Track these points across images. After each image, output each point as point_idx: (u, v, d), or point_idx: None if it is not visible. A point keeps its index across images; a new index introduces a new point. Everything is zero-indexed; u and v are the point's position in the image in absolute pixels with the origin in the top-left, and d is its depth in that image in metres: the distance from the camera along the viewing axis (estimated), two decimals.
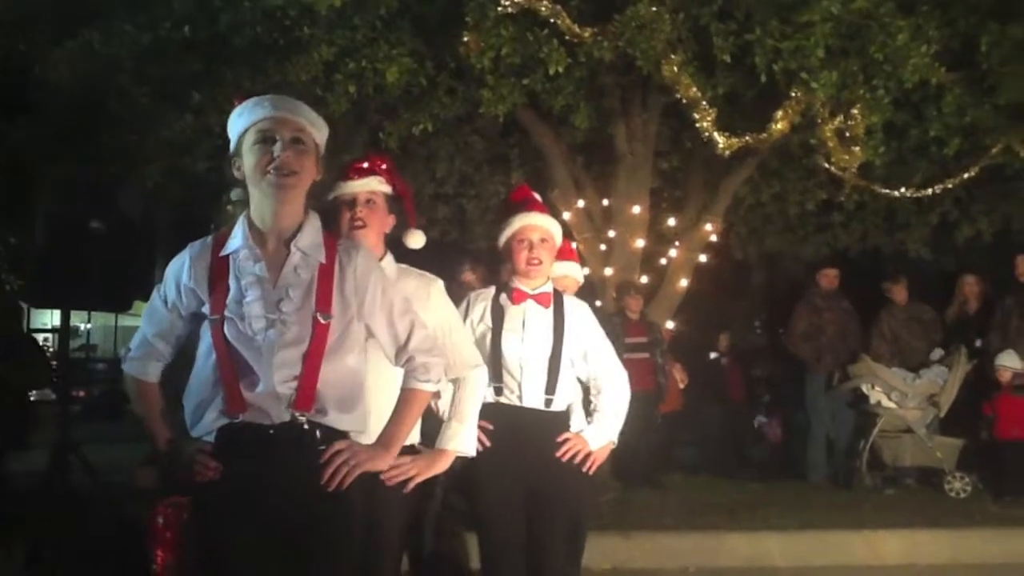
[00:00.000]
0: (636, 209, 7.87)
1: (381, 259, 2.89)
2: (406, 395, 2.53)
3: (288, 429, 2.28)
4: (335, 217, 2.93)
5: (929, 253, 9.22)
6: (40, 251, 5.99)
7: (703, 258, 8.41)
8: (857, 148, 6.09)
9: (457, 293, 3.17)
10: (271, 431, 2.28)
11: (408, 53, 6.24)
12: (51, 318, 22.17)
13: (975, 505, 6.89)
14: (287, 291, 2.31)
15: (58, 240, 5.82)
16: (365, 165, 2.99)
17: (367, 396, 2.42)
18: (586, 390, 3.60)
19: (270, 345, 2.28)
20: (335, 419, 2.34)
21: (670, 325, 8.27)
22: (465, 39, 5.90)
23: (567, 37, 5.92)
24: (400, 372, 2.58)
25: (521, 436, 3.29)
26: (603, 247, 8.06)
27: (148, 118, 6.98)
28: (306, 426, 2.30)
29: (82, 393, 18.25)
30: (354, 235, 2.87)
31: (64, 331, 6.68)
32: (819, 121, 6.05)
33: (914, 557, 5.82)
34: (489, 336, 3.33)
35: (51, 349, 23.39)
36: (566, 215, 8.14)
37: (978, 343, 7.69)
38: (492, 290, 3.43)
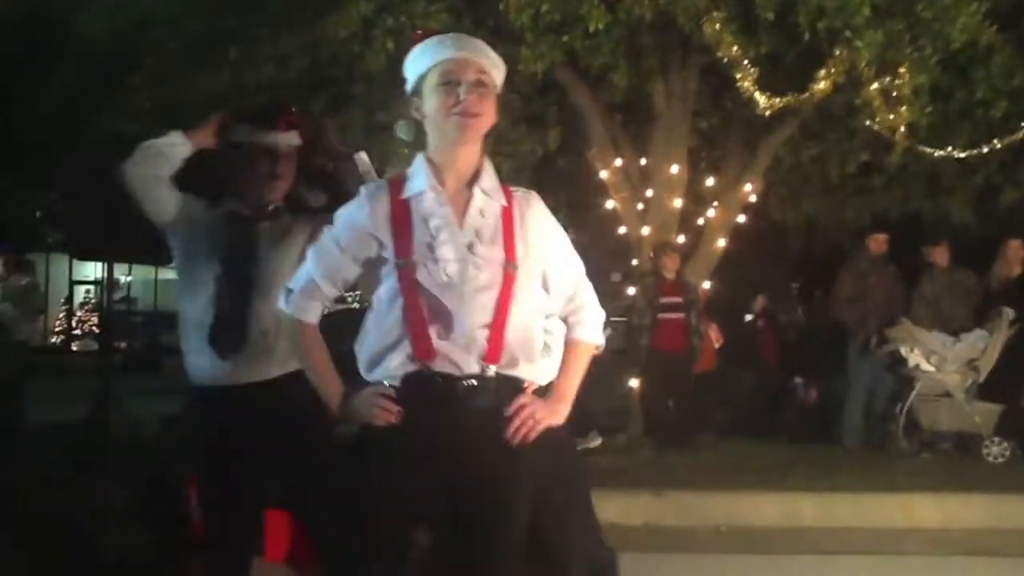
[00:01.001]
0: (674, 168, 7.81)
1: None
2: (576, 346, 2.47)
3: (477, 379, 2.25)
4: (245, 161, 2.91)
5: (972, 217, 9.07)
6: (82, 205, 6.07)
7: (741, 219, 8.34)
8: (904, 108, 5.98)
9: None
10: (461, 382, 2.24)
11: (446, 9, 6.21)
12: (94, 270, 22.54)
13: (1012, 471, 6.83)
14: (476, 233, 2.27)
15: (100, 194, 5.89)
16: (292, 119, 2.95)
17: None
18: None
19: (468, 288, 2.23)
20: (522, 370, 2.31)
21: (706, 286, 8.23)
22: None
23: None
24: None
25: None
26: (640, 206, 8.02)
27: (184, 73, 7.02)
28: (496, 378, 2.27)
29: (123, 345, 18.59)
30: (273, 186, 2.87)
31: (108, 284, 6.79)
32: (863, 81, 5.94)
33: (948, 522, 5.79)
34: None
35: (93, 301, 23.92)
36: (603, 174, 8.10)
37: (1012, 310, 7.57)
38: None
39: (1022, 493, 6.14)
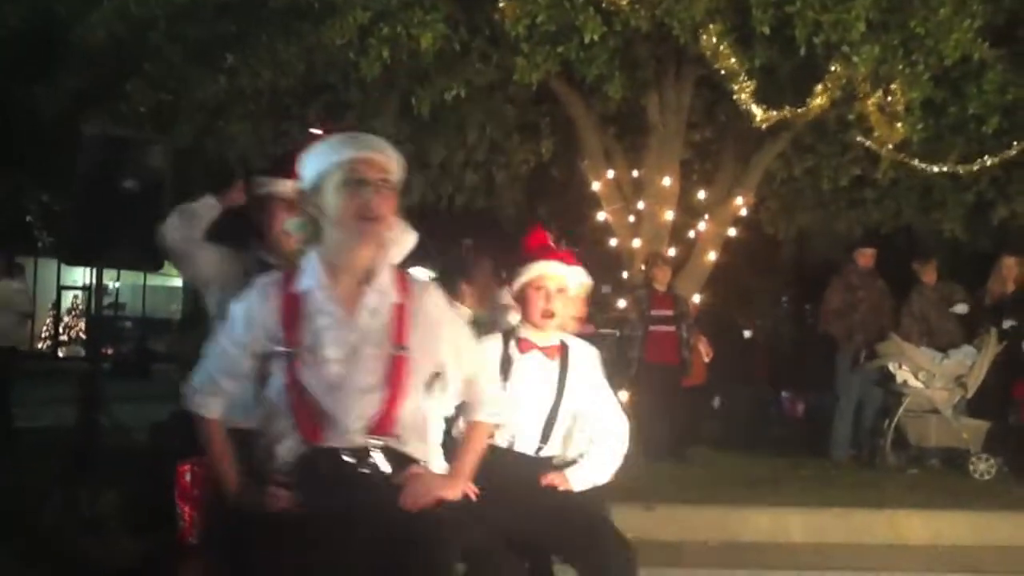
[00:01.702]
0: (666, 181, 7.82)
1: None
2: (474, 427, 2.55)
3: (365, 454, 2.28)
4: (264, 210, 2.96)
5: (964, 233, 9.11)
6: (73, 209, 6.04)
7: (732, 232, 8.35)
8: (900, 124, 6.01)
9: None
10: (349, 458, 2.27)
11: (443, 18, 6.21)
12: (82, 276, 22.43)
13: (999, 487, 6.85)
14: (364, 333, 2.29)
15: (91, 199, 5.86)
16: None
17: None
18: None
19: (348, 389, 2.27)
20: (411, 448, 2.36)
21: (697, 299, 8.24)
22: (501, 5, 5.86)
23: (604, 5, 5.86)
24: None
25: (507, 479, 3.16)
26: (632, 218, 8.03)
27: (181, 78, 7.01)
28: (383, 449, 2.30)
29: (110, 351, 18.49)
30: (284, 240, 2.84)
31: (97, 290, 6.74)
32: (859, 96, 5.97)
33: (936, 538, 5.79)
34: None
35: (81, 306, 23.80)
36: (596, 185, 8.11)
37: (1006, 325, 7.60)
38: (499, 337, 3.32)
39: (1009, 510, 6.15)
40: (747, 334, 10.29)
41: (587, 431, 3.40)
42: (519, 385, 3.25)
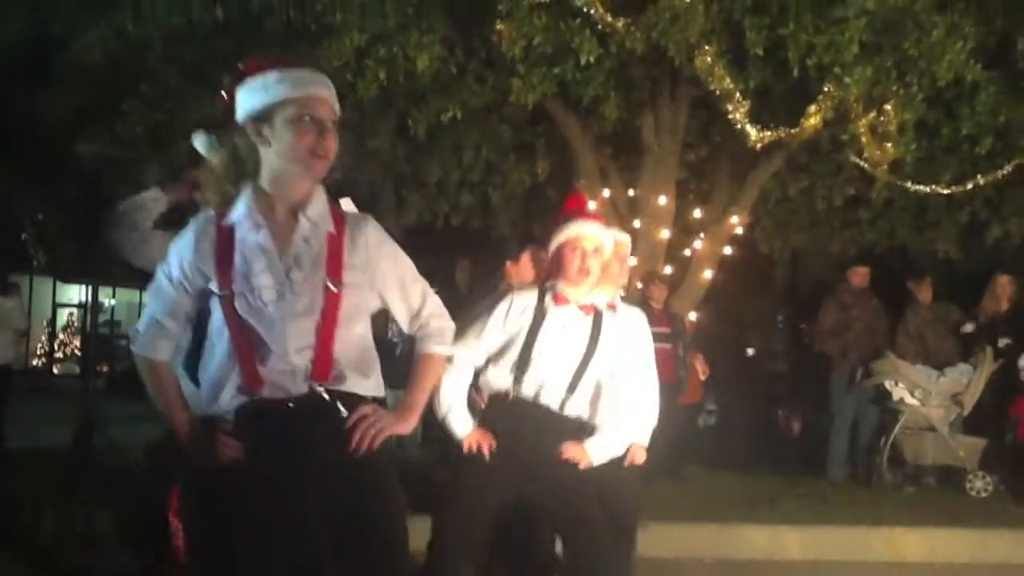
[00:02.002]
0: (662, 200, 7.85)
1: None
2: (424, 360, 2.49)
3: (307, 401, 2.25)
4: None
5: (958, 253, 9.15)
6: (68, 227, 6.05)
7: (728, 251, 8.38)
8: (890, 145, 6.05)
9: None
10: (290, 404, 2.24)
11: (439, 40, 6.25)
12: (78, 293, 22.39)
13: (996, 505, 6.86)
14: (296, 260, 2.27)
15: (86, 217, 5.87)
16: None
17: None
18: None
19: (282, 314, 2.24)
20: (354, 384, 2.31)
21: (693, 317, 8.26)
22: (498, 27, 5.91)
23: (600, 27, 5.91)
24: None
25: (526, 434, 3.25)
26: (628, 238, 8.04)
27: (177, 99, 7.05)
28: (326, 395, 2.27)
29: (105, 368, 18.42)
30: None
31: (93, 307, 6.74)
32: (852, 117, 6.02)
33: (932, 556, 5.80)
34: (526, 331, 3.30)
35: (76, 324, 23.75)
36: (592, 205, 8.13)
37: (1001, 344, 7.62)
38: (535, 291, 3.38)
39: (1006, 528, 6.16)
40: (750, 352, 10.31)
41: (614, 398, 3.41)
42: (551, 335, 3.29)
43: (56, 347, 23.89)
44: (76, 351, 23.21)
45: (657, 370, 7.96)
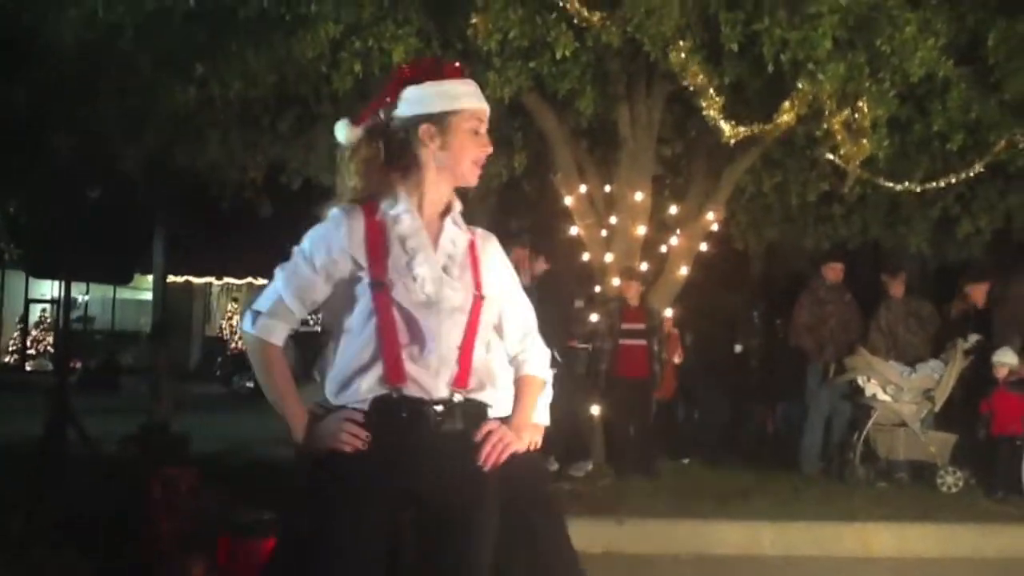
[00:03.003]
0: (638, 196, 7.87)
1: None
2: (529, 381, 2.53)
3: (447, 405, 2.27)
4: None
5: (929, 248, 9.23)
6: (41, 221, 5.99)
7: (704, 247, 8.41)
8: (863, 141, 6.09)
9: None
10: (432, 407, 2.25)
11: (415, 32, 6.22)
12: (51, 289, 22.18)
13: (966, 500, 6.92)
14: (449, 258, 2.34)
15: (59, 210, 5.81)
16: None
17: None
18: None
19: (446, 305, 2.28)
20: (487, 396, 2.35)
21: (669, 313, 8.28)
22: (473, 20, 5.88)
23: (575, 21, 5.90)
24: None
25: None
26: (604, 233, 8.06)
27: (150, 87, 6.97)
28: (464, 403, 2.29)
29: (78, 364, 18.30)
30: None
31: (66, 303, 6.67)
32: (826, 113, 6.05)
33: (904, 550, 5.85)
34: None
35: (49, 320, 23.53)
36: (568, 200, 8.14)
37: (972, 340, 7.68)
38: None
39: (976, 522, 6.23)
40: (738, 348, 10.35)
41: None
42: None
43: (29, 343, 23.67)
44: (49, 347, 23.01)
45: (632, 366, 8.03)
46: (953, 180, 7.30)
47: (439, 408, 2.26)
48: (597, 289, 8.15)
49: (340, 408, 2.26)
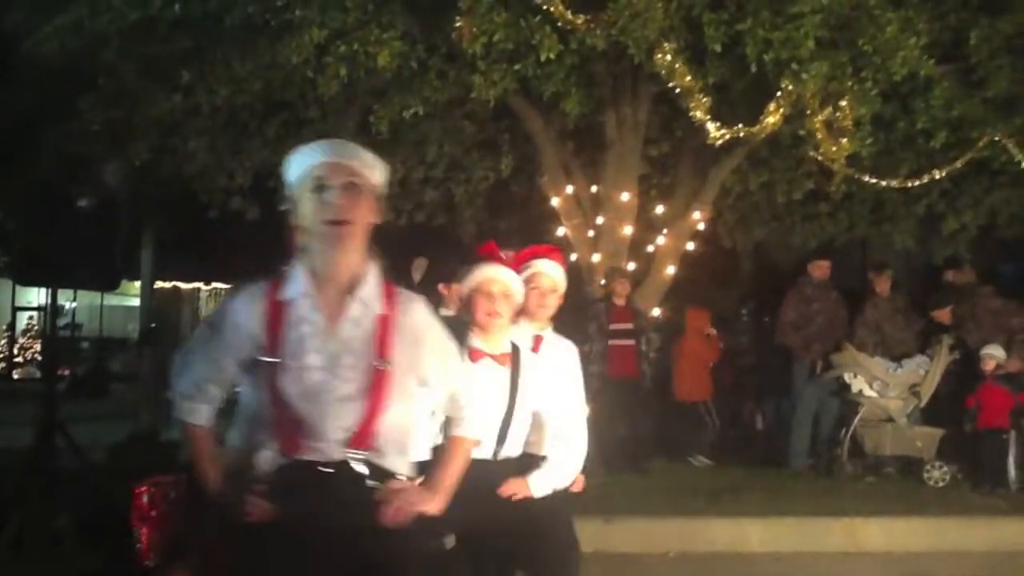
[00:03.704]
0: (625, 196, 7.90)
1: None
2: (455, 443, 2.55)
3: (344, 467, 2.27)
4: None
5: (915, 245, 9.28)
6: (27, 228, 5.96)
7: (691, 246, 8.44)
8: (845, 140, 6.13)
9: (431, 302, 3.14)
10: (328, 469, 2.26)
11: (400, 36, 6.24)
12: (37, 296, 22.08)
13: (953, 494, 6.98)
14: (346, 343, 2.28)
15: (45, 218, 5.79)
16: None
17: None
18: None
19: (328, 398, 2.26)
20: (391, 461, 2.33)
21: (656, 312, 8.32)
22: (458, 24, 5.90)
23: (560, 24, 5.92)
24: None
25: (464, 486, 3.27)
26: (591, 233, 8.08)
27: (136, 95, 6.97)
28: (363, 466, 2.29)
29: (66, 371, 18.21)
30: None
31: (53, 310, 6.64)
32: (808, 112, 6.08)
33: (892, 545, 5.89)
34: None
35: (36, 327, 23.42)
36: (555, 201, 8.17)
37: (952, 337, 7.73)
38: None
39: (963, 516, 6.28)
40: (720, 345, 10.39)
41: (548, 431, 3.43)
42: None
43: (16, 351, 23.54)
44: (36, 355, 22.89)
45: (620, 366, 8.05)
46: (937, 177, 7.35)
47: (332, 470, 2.26)
48: (585, 289, 8.18)
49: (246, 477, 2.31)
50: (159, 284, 23.12)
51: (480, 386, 3.26)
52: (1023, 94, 6.71)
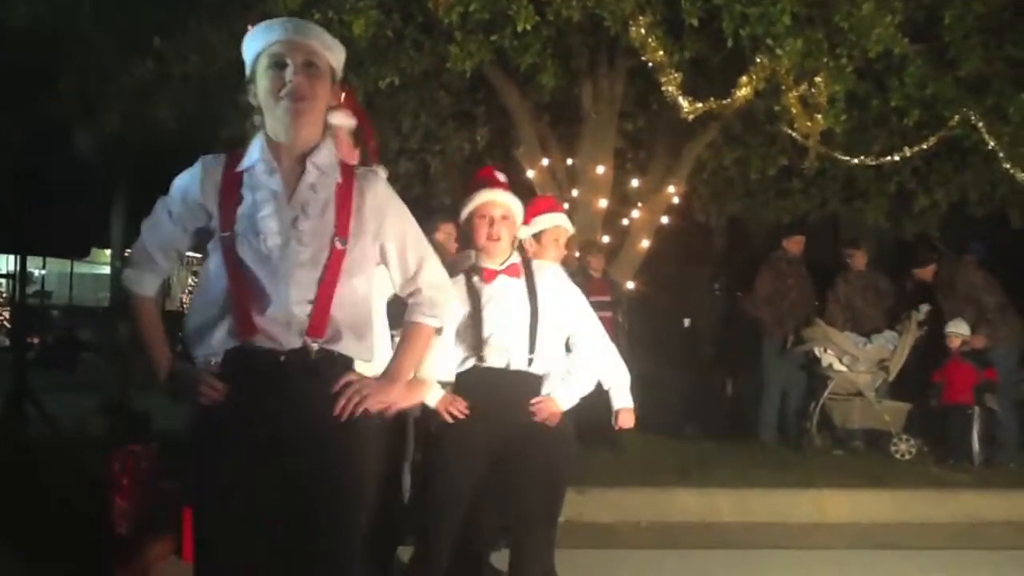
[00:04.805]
0: (600, 169, 7.90)
1: None
2: (411, 329, 2.45)
3: (299, 355, 2.22)
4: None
5: (886, 222, 9.37)
6: None
7: (665, 220, 8.47)
8: (820, 116, 6.16)
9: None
10: (282, 357, 2.22)
11: (375, 5, 6.18)
12: (6, 263, 21.81)
13: (919, 467, 7.09)
14: (303, 208, 2.25)
15: (15, 185, 5.74)
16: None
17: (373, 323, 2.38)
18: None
19: (286, 263, 2.21)
20: (346, 346, 2.28)
21: (630, 285, 8.35)
22: None
23: None
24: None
25: (498, 396, 3.38)
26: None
27: (108, 63, 6.87)
28: (317, 353, 2.24)
29: (36, 340, 18.04)
30: None
31: (21, 278, 6.59)
32: (783, 88, 6.11)
33: (858, 516, 6.00)
34: (469, 316, 3.38)
35: (5, 295, 23.15)
36: (530, 173, 8.16)
37: (923, 311, 7.82)
38: (462, 276, 3.44)
39: (928, 488, 6.40)
40: (687, 323, 10.46)
41: (576, 350, 3.60)
42: (494, 310, 3.40)
43: None
44: (5, 323, 22.65)
45: None
46: (909, 155, 7.41)
47: (289, 358, 2.23)
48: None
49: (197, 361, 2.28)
50: (130, 252, 22.94)
51: (501, 301, 3.40)
52: (995, 74, 6.78)
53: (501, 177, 3.55)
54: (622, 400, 3.81)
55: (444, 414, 3.34)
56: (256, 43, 2.30)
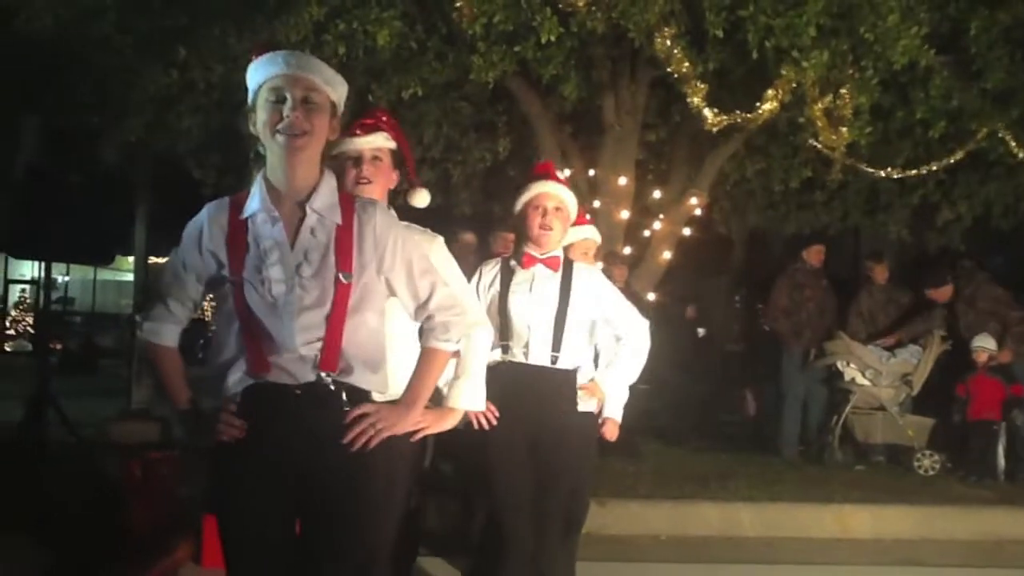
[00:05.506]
0: (622, 180, 7.89)
1: None
2: (427, 354, 2.48)
3: (313, 389, 2.28)
4: (340, 173, 2.85)
5: (909, 235, 9.30)
6: (21, 202, 5.96)
7: (686, 231, 8.44)
8: (844, 128, 6.13)
9: (456, 254, 3.15)
10: (296, 391, 2.27)
11: (399, 16, 6.21)
12: (31, 270, 22.02)
13: (942, 483, 7.01)
14: (305, 254, 2.29)
15: (40, 191, 5.79)
16: (371, 121, 2.91)
17: (388, 355, 2.41)
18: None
19: (290, 309, 2.26)
20: (360, 379, 2.33)
21: (651, 297, 8.32)
22: (458, 4, 5.87)
23: (560, 6, 5.90)
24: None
25: (525, 391, 3.38)
26: (588, 217, 8.06)
27: (131, 71, 6.92)
28: (332, 386, 2.29)
29: (58, 346, 18.18)
30: (359, 192, 2.77)
31: (45, 284, 6.63)
32: (808, 100, 6.08)
33: (881, 532, 5.93)
34: (497, 297, 3.43)
35: (29, 301, 23.36)
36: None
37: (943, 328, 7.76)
38: (499, 260, 3.52)
39: (952, 504, 6.32)
40: (701, 332, 10.40)
41: (610, 337, 3.62)
42: (521, 296, 3.42)
43: (8, 324, 23.47)
44: (28, 328, 22.84)
45: None
46: (934, 168, 7.35)
47: (304, 391, 2.28)
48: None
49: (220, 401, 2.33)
50: (153, 259, 23.09)
51: (530, 290, 3.43)
52: (1020, 86, 6.72)
53: (559, 173, 3.58)
54: (615, 411, 3.78)
55: (475, 421, 3.32)
56: (258, 75, 2.32)
